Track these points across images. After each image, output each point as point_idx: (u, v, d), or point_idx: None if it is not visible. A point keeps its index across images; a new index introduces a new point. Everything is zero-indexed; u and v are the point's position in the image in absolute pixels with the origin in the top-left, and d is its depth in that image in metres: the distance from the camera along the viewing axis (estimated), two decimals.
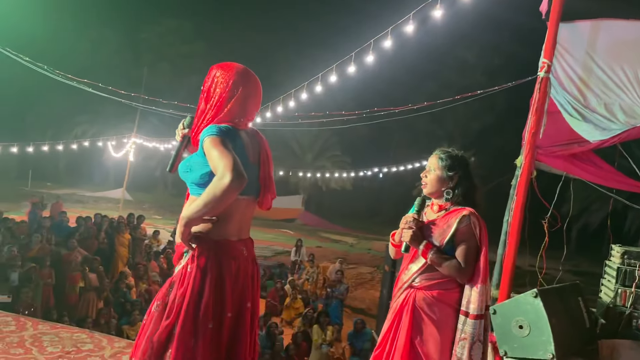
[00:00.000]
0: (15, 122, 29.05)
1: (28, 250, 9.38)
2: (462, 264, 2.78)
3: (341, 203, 33.09)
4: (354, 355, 9.75)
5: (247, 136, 2.43)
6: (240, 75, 2.43)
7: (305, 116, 9.66)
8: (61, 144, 18.62)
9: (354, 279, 17.09)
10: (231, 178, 2.09)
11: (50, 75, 7.69)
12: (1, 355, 3.52)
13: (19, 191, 26.62)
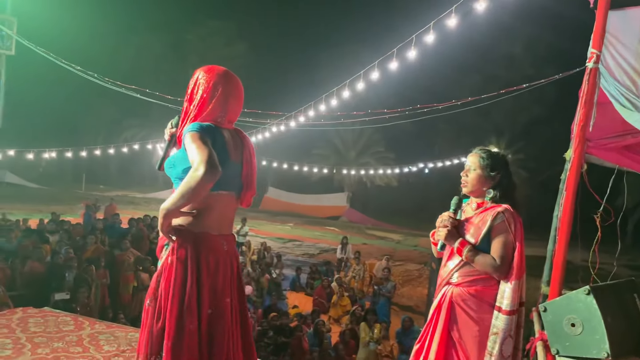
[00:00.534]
0: (69, 128, 30.18)
1: (83, 252, 9.74)
2: (498, 261, 2.77)
3: (386, 199, 32.89)
4: (402, 353, 9.68)
5: (229, 135, 2.51)
6: (220, 77, 2.52)
7: (347, 115, 9.64)
8: (112, 147, 19.22)
9: (401, 277, 16.96)
10: (205, 170, 2.17)
11: (100, 82, 7.95)
12: (61, 353, 3.67)
13: (74, 194, 27.68)
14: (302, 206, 30.39)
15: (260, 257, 14.35)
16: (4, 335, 3.85)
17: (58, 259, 9.08)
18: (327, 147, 31.91)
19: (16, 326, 4.04)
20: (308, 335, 9.32)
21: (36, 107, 28.54)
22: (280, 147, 26.10)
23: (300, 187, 30.95)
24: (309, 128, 15.63)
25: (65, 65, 7.24)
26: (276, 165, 24.21)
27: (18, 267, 8.75)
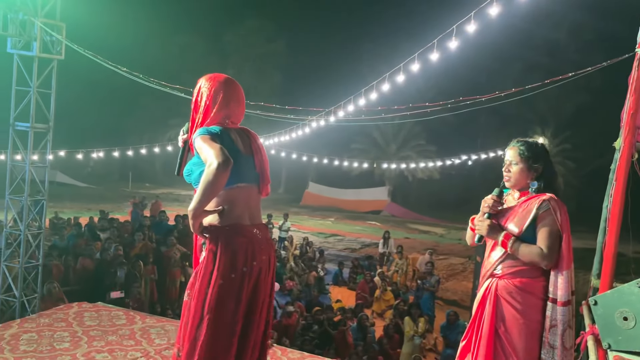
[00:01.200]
0: (116, 128, 30.97)
1: (132, 248, 10.03)
2: (545, 249, 2.71)
3: (428, 193, 32.50)
4: (447, 347, 9.61)
5: (236, 133, 2.64)
6: (220, 84, 2.67)
7: (388, 110, 9.56)
8: (157, 146, 19.68)
9: (445, 270, 16.79)
10: (217, 162, 2.30)
11: (145, 83, 8.15)
12: (115, 346, 3.82)
13: (121, 192, 28.47)
14: (342, 201, 30.37)
15: (303, 252, 14.46)
16: (62, 329, 4.02)
17: (108, 255, 9.39)
18: (367, 142, 31.74)
19: (73, 320, 4.21)
20: (352, 330, 9.36)
21: (84, 109, 29.41)
22: (320, 142, 26.13)
23: (341, 182, 30.91)
24: (349, 124, 15.59)
25: (111, 67, 7.47)
26: (316, 161, 24.27)
27: (71, 264, 9.09)
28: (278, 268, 12.19)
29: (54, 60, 7.16)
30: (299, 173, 32.92)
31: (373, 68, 19.30)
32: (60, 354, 3.60)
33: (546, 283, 2.76)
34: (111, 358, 3.63)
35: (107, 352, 3.72)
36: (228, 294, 2.46)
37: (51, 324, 4.09)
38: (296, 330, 8.97)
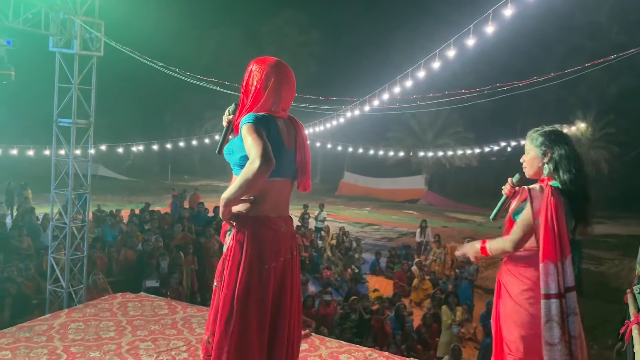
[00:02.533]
0: (155, 122, 31.55)
1: (172, 240, 10.24)
2: (508, 240, 2.76)
3: (467, 181, 32.04)
4: (487, 336, 9.50)
5: (283, 123, 2.63)
6: (272, 67, 2.63)
7: (423, 97, 9.44)
8: (195, 139, 20.01)
9: (484, 259, 16.54)
10: (260, 163, 2.33)
11: (182, 77, 8.28)
12: (158, 335, 3.92)
13: (161, 184, 29.06)
14: (378, 190, 30.24)
15: (340, 241, 14.48)
16: (108, 319, 4.15)
17: (149, 247, 9.61)
18: (403, 130, 31.45)
19: (117, 310, 4.34)
20: (389, 319, 9.35)
21: (124, 104, 30.03)
22: (355, 132, 26.06)
23: (377, 171, 30.76)
24: (384, 113, 15.47)
25: (149, 63, 7.61)
26: (352, 150, 24.23)
27: (114, 255, 9.35)
28: (315, 258, 12.26)
29: (94, 57, 7.34)
30: (335, 163, 32.91)
31: (408, 56, 19.06)
32: (106, 343, 3.72)
33: (537, 272, 2.71)
34: (154, 347, 3.72)
35: (151, 341, 3.82)
36: (256, 285, 2.49)
37: (97, 314, 4.23)
38: (334, 320, 9.01)
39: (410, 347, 8.60)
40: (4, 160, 16.58)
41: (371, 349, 4.02)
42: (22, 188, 16.12)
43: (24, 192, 15.87)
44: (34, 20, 6.73)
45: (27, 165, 19.88)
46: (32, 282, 7.73)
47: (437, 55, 9.44)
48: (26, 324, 4.01)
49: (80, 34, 7.04)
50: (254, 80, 2.62)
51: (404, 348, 8.53)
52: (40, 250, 9.57)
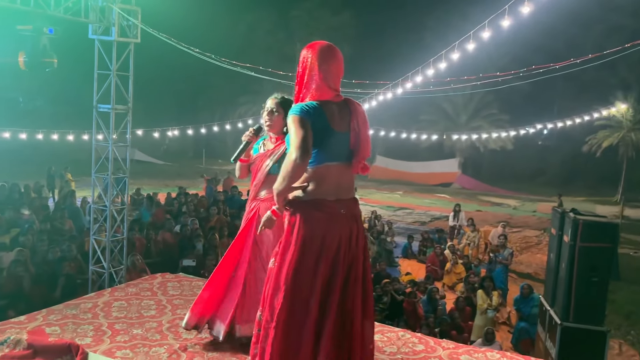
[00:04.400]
0: (189, 107, 31.94)
1: (207, 222, 10.46)
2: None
3: (501, 164, 31.54)
4: (521, 320, 9.46)
5: (335, 108, 2.66)
6: (316, 51, 2.67)
7: (457, 80, 9.35)
8: (228, 124, 20.23)
9: (518, 243, 16.41)
10: (296, 155, 2.46)
11: (216, 63, 8.39)
12: None
13: (196, 168, 29.51)
14: (411, 174, 30.07)
15: (371, 225, 14.52)
16: (149, 298, 4.31)
17: (186, 229, 9.83)
18: (436, 112, 31.07)
19: (157, 289, 4.50)
20: (422, 302, 9.39)
21: (160, 90, 30.43)
22: (387, 115, 25.86)
23: (409, 155, 30.55)
24: (417, 96, 15.34)
25: (184, 49, 7.73)
26: (384, 134, 24.11)
27: (152, 237, 9.60)
28: None
29: (131, 44, 7.50)
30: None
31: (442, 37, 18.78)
32: (148, 321, 3.87)
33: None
34: None
35: None
36: (304, 267, 2.57)
37: (138, 293, 4.39)
38: None
39: (444, 331, 8.63)
40: (45, 145, 17.11)
41: (404, 330, 4.07)
42: (62, 172, 16.62)
43: (64, 176, 16.37)
44: (74, 8, 6.90)
45: (67, 150, 20.43)
46: (75, 262, 8.02)
47: (471, 36, 9.32)
48: (73, 301, 4.20)
49: (118, 21, 7.20)
50: (301, 66, 2.69)
51: (437, 331, 8.57)
52: (81, 231, 9.92)
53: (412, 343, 3.78)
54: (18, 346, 3.23)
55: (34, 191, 13.56)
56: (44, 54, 6.53)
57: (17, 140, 16.51)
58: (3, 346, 3.24)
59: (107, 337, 3.57)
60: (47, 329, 3.62)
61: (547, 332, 7.10)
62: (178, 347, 3.46)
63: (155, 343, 3.52)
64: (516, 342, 9.22)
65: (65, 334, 3.56)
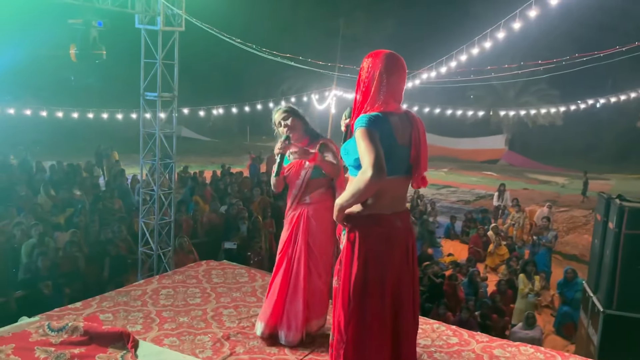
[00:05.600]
0: (233, 85, 32.19)
1: (251, 203, 10.69)
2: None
3: (550, 140, 30.62)
4: (564, 304, 9.37)
5: (398, 119, 2.60)
6: (378, 59, 2.61)
7: (498, 69, 9.15)
8: (271, 101, 20.40)
9: (565, 223, 16.08)
10: (372, 173, 2.37)
11: (258, 53, 8.50)
12: (240, 302, 4.25)
13: (241, 145, 29.94)
14: (456, 150, 29.61)
15: (414, 205, 14.49)
16: (194, 285, 4.53)
17: (233, 210, 10.05)
18: (483, 88, 30.32)
19: (202, 277, 4.72)
20: (463, 285, 9.40)
21: (204, 71, 30.72)
22: (433, 91, 25.46)
23: (454, 131, 29.98)
24: (453, 85, 15.06)
25: (226, 39, 7.86)
26: (428, 110, 23.79)
27: (198, 218, 9.91)
28: None
29: (176, 33, 7.67)
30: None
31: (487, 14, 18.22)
32: (193, 309, 4.09)
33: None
34: (236, 313, 4.05)
35: (233, 307, 4.15)
36: (369, 284, 2.54)
37: (184, 281, 4.62)
38: None
39: (485, 314, 8.64)
40: (95, 123, 17.66)
41: (439, 322, 4.15)
42: (109, 151, 17.05)
43: (111, 155, 16.79)
44: (120, 0, 7.12)
45: (116, 128, 21.04)
46: (124, 243, 8.41)
47: (517, 14, 9.06)
48: (123, 289, 4.46)
49: (163, 10, 7.38)
50: (367, 77, 2.62)
51: (477, 314, 8.59)
52: (130, 211, 10.28)
53: (447, 336, 3.87)
54: (75, 333, 3.49)
55: (85, 170, 14.00)
56: (94, 46, 6.79)
57: (70, 119, 17.17)
58: (62, 332, 3.51)
59: (155, 324, 3.80)
60: (100, 315, 3.88)
61: (590, 318, 7.04)
62: (221, 336, 3.66)
63: (200, 331, 3.73)
64: (558, 327, 9.16)
65: (118, 321, 3.81)
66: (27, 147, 17.09)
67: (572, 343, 8.52)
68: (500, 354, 3.61)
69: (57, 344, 3.40)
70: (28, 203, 9.89)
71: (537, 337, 7.95)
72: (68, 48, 6.76)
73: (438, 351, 3.63)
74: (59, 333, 3.50)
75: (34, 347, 3.36)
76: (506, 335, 8.40)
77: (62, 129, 21.93)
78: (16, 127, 20.37)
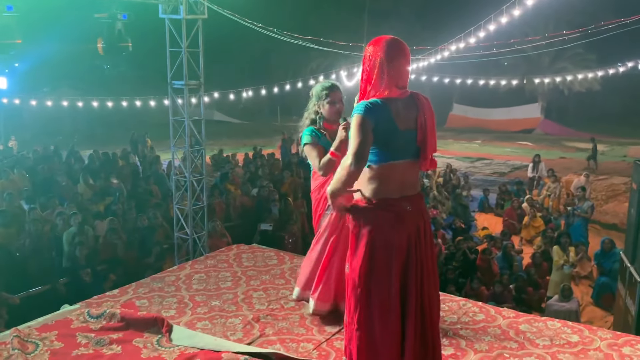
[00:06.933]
0: (262, 68, 32.22)
1: (281, 185, 10.81)
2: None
3: (588, 106, 29.70)
4: (602, 275, 9.25)
5: (400, 105, 2.61)
6: (380, 45, 2.61)
7: (521, 41, 8.93)
8: (299, 80, 20.40)
9: (604, 192, 15.71)
10: (351, 161, 2.48)
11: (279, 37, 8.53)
12: (269, 285, 4.36)
13: (272, 126, 30.11)
14: (490, 121, 29.07)
15: (446, 179, 14.40)
16: (225, 269, 4.67)
17: (265, 192, 10.20)
18: (515, 56, 29.56)
19: (233, 261, 4.85)
20: (497, 259, 9.36)
21: (231, 55, 30.73)
22: (463, 61, 24.99)
23: (488, 101, 29.36)
24: (475, 60, 14.76)
25: (248, 24, 7.91)
26: (460, 81, 23.40)
27: (231, 201, 10.10)
28: None
29: (199, 20, 7.75)
30: (442, 95, 31.86)
31: None
32: (225, 292, 4.22)
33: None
34: (265, 296, 4.16)
35: (262, 290, 4.27)
36: (377, 269, 2.59)
37: (216, 265, 4.75)
38: (439, 261, 9.20)
39: (519, 287, 8.60)
40: (129, 110, 18.03)
41: (465, 299, 4.18)
42: (143, 138, 17.42)
43: (145, 142, 17.17)
44: None
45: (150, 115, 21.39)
46: (161, 229, 8.66)
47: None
48: (158, 275, 4.62)
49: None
50: (369, 65, 2.63)
51: (512, 287, 8.56)
52: (166, 197, 10.54)
53: (473, 312, 3.90)
54: (113, 319, 3.66)
55: (121, 158, 14.35)
56: (120, 39, 6.94)
57: (105, 108, 17.59)
58: (100, 319, 3.69)
59: (188, 309, 3.95)
60: (136, 301, 4.05)
61: (627, 289, 6.94)
62: (252, 318, 3.78)
63: (231, 314, 3.86)
64: (597, 297, 9.06)
65: (153, 307, 3.98)
66: (66, 137, 17.62)
67: (610, 314, 8.42)
68: (526, 329, 3.62)
69: (97, 330, 3.58)
70: (69, 192, 10.26)
71: (574, 309, 7.89)
72: (96, 42, 6.93)
73: (464, 328, 3.66)
74: (98, 319, 3.68)
75: (76, 333, 3.54)
76: (542, 309, 8.38)
77: (98, 118, 22.47)
78: (55, 118, 20.97)
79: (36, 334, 3.53)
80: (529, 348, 3.39)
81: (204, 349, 3.35)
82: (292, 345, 3.45)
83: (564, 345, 3.42)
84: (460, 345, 3.42)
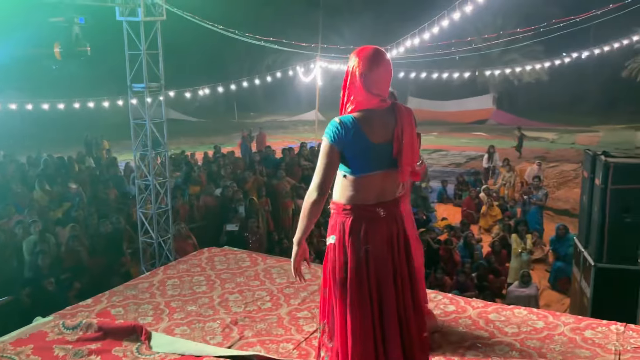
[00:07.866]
0: (218, 65, 31.83)
1: (244, 184, 10.80)
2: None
3: (537, 96, 30.72)
4: (557, 259, 9.65)
5: (377, 116, 2.60)
6: (364, 60, 2.59)
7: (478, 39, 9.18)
8: (256, 78, 20.35)
9: (555, 179, 16.35)
10: (315, 196, 2.56)
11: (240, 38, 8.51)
12: (244, 287, 4.41)
13: (229, 123, 29.86)
14: (444, 113, 29.66)
15: None
16: (199, 274, 4.68)
17: (228, 192, 10.14)
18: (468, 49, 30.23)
19: (206, 265, 4.86)
20: (458, 248, 9.63)
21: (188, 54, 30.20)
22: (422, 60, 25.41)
23: (441, 94, 29.94)
24: (436, 57, 15.08)
25: (208, 26, 7.87)
26: (414, 75, 23.76)
27: (194, 202, 10.01)
28: None
29: (157, 22, 7.66)
30: (397, 89, 32.10)
31: None
32: (200, 297, 4.24)
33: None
34: (241, 298, 4.21)
35: (238, 292, 4.31)
36: (352, 272, 2.60)
37: (189, 270, 4.76)
38: None
39: (481, 275, 8.88)
40: (82, 112, 17.55)
41: (435, 292, 4.33)
42: (99, 140, 16.85)
43: (100, 144, 16.62)
44: None
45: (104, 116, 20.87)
46: (125, 233, 8.53)
47: None
48: (131, 282, 4.60)
49: (143, 1, 7.35)
50: (349, 76, 2.62)
51: (474, 276, 8.83)
52: (127, 200, 10.33)
53: (444, 304, 4.05)
54: (90, 329, 3.64)
55: (77, 161, 13.91)
56: (77, 43, 6.78)
57: (56, 110, 17.03)
58: (77, 330, 3.66)
59: (165, 315, 3.96)
60: (112, 310, 4.03)
61: (582, 272, 7.27)
62: (230, 321, 3.82)
63: (208, 318, 3.90)
64: (554, 282, 9.44)
65: (129, 314, 3.97)
66: (17, 142, 16.99)
67: (567, 297, 8.80)
68: (495, 318, 3.80)
69: (74, 341, 3.56)
70: (25, 200, 9.94)
71: (533, 294, 8.21)
72: (52, 47, 6.76)
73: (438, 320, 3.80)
74: (74, 331, 3.66)
75: (52, 345, 3.51)
76: (503, 295, 8.70)
77: (49, 121, 21.77)
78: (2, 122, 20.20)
79: (11, 348, 3.48)
80: (498, 337, 3.56)
81: (184, 354, 3.39)
82: (272, 346, 3.52)
83: (531, 332, 3.61)
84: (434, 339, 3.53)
